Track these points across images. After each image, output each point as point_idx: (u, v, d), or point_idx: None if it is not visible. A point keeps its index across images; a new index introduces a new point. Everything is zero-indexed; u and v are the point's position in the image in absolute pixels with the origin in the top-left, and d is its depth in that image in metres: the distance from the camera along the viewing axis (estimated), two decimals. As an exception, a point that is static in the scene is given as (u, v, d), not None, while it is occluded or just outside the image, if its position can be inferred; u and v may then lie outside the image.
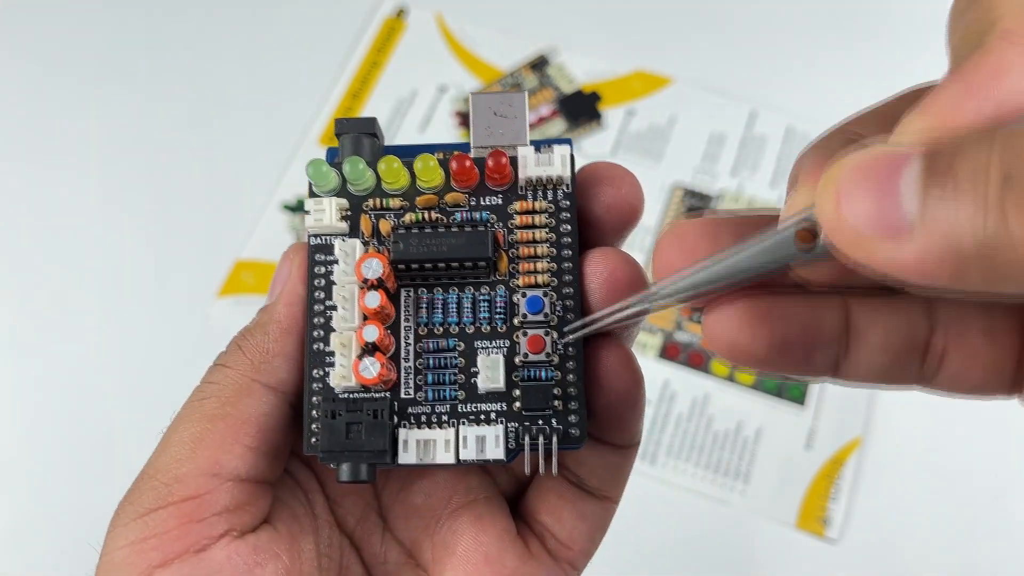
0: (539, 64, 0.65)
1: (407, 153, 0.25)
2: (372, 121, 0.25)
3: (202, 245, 0.59)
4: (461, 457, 0.23)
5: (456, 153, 0.24)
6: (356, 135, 0.25)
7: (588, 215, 0.25)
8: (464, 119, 0.63)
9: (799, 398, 0.54)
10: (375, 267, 0.23)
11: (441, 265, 0.24)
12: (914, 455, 0.52)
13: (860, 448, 0.53)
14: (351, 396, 0.24)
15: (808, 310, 0.21)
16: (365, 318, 0.24)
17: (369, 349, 0.23)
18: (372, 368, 0.23)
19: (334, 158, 0.26)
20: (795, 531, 0.51)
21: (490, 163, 0.24)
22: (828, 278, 0.20)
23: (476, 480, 0.26)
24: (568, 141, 0.25)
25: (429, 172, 0.24)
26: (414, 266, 0.24)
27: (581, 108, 0.63)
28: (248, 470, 0.23)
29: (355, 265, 0.23)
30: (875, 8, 0.67)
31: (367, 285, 0.23)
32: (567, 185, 0.25)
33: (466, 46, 0.66)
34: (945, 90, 0.17)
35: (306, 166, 0.24)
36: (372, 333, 0.23)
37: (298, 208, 0.60)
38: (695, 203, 0.60)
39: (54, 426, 0.54)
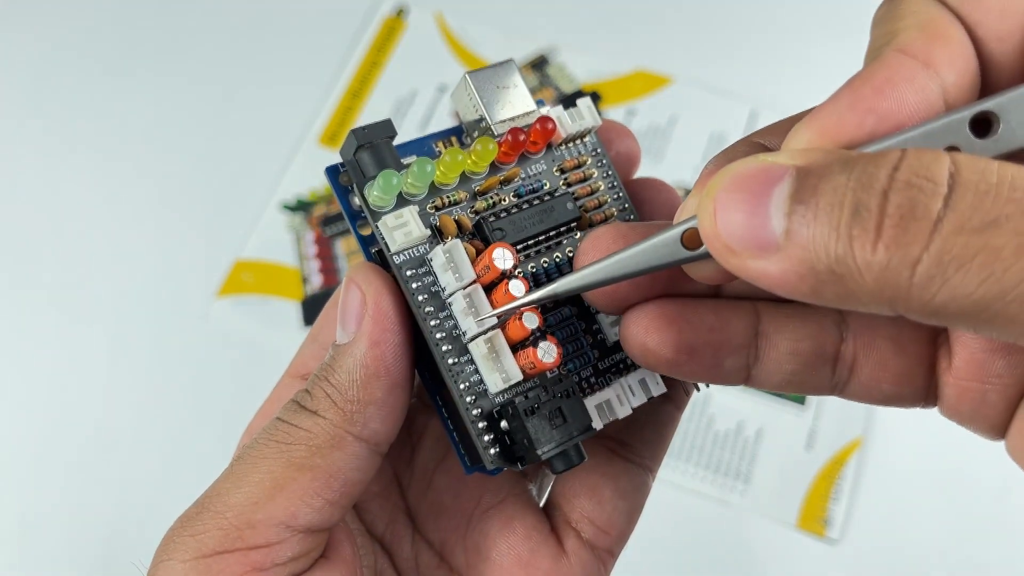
0: (539, 64, 0.65)
1: (406, 152, 0.25)
2: (389, 123, 0.24)
3: (202, 245, 0.59)
4: (633, 405, 0.24)
5: (512, 129, 0.24)
6: (373, 144, 0.23)
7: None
8: (464, 119, 0.63)
9: (799, 398, 0.54)
10: (507, 256, 0.22)
11: (541, 238, 0.24)
12: (915, 455, 0.52)
13: (861, 448, 0.53)
14: (515, 395, 0.23)
15: (717, 315, 0.21)
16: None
17: (539, 335, 0.22)
18: (551, 351, 0.22)
19: (336, 176, 0.24)
20: (796, 531, 0.51)
21: (539, 128, 0.24)
22: (716, 279, 0.20)
23: (504, 477, 0.26)
24: (567, 99, 0.26)
25: (489, 155, 0.24)
26: (518, 247, 0.24)
27: (581, 108, 0.63)
28: (322, 522, 0.22)
29: (486, 261, 0.22)
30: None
31: (506, 276, 0.22)
32: (593, 133, 0.26)
33: (466, 46, 0.66)
34: (833, 102, 0.18)
35: (372, 185, 0.22)
36: (532, 320, 0.22)
37: (298, 208, 0.60)
38: (695, 203, 0.60)
39: (54, 426, 0.54)
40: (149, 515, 0.51)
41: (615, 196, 0.26)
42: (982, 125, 0.17)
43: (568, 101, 0.66)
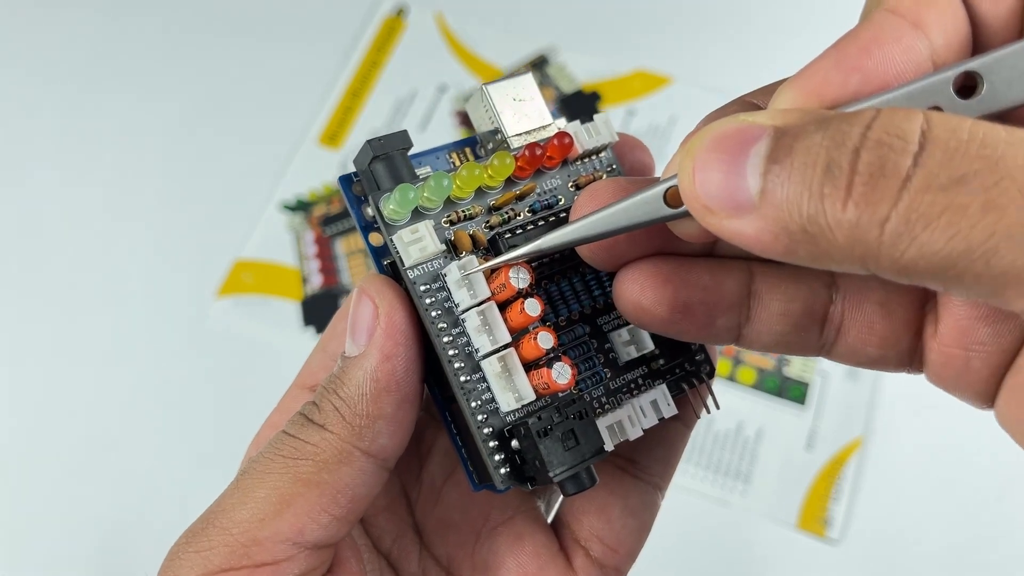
0: (539, 64, 0.65)
1: (426, 161, 0.25)
2: (405, 134, 0.24)
3: (202, 245, 0.59)
4: (645, 427, 0.24)
5: (529, 144, 0.24)
6: (388, 155, 0.23)
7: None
8: (464, 118, 0.63)
9: (800, 398, 0.54)
10: (523, 275, 0.22)
11: (557, 256, 0.24)
12: (915, 455, 0.52)
13: (861, 448, 0.53)
14: (527, 415, 0.22)
15: (712, 275, 0.21)
16: (509, 332, 0.22)
17: (553, 356, 0.22)
18: (565, 372, 0.22)
19: (349, 185, 0.24)
20: (796, 532, 0.51)
21: (556, 143, 0.24)
22: (698, 238, 0.20)
23: (512, 495, 0.26)
24: (573, 101, 0.26)
25: (506, 169, 0.23)
26: (534, 264, 0.23)
27: (581, 108, 0.63)
28: (329, 538, 0.22)
29: (501, 279, 0.22)
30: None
31: (522, 295, 0.22)
32: (609, 148, 0.26)
33: (466, 46, 0.66)
34: (818, 62, 0.18)
35: (389, 198, 0.22)
36: (547, 340, 0.22)
37: (298, 208, 0.60)
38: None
39: (53, 426, 0.54)
40: (147, 515, 0.51)
41: None
42: (967, 86, 0.17)
43: (573, 107, 0.67)
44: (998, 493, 0.51)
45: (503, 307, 0.22)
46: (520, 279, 0.22)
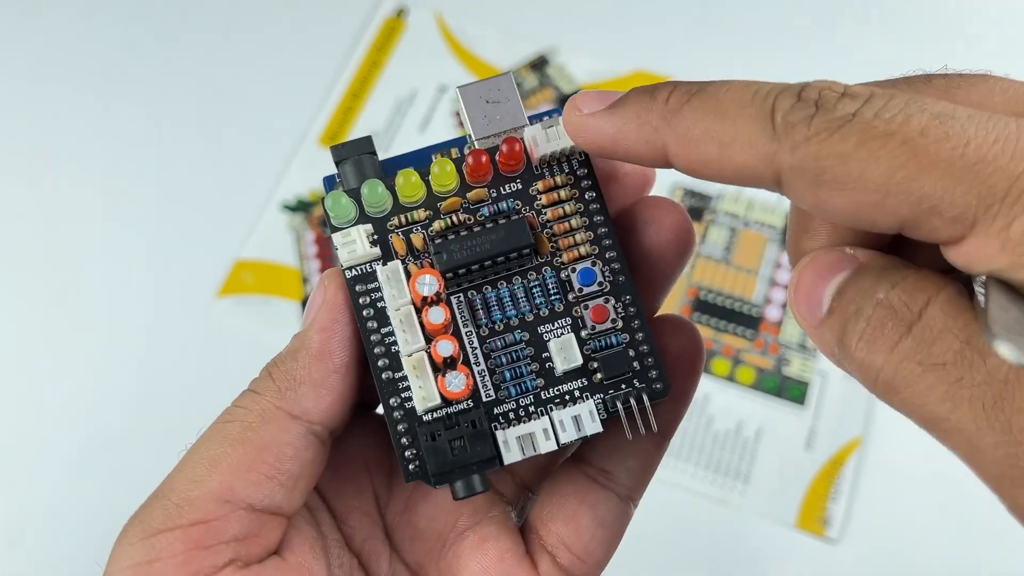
0: (539, 64, 0.65)
1: (405, 163, 0.25)
2: (368, 140, 0.25)
3: (202, 245, 0.59)
4: (561, 441, 0.23)
5: (472, 150, 0.24)
6: (357, 157, 0.25)
7: (646, 248, 0.26)
8: (464, 119, 0.63)
9: (799, 398, 0.54)
10: (430, 282, 0.23)
11: (488, 263, 0.24)
12: (914, 455, 0.52)
13: (860, 448, 0.53)
14: (436, 415, 0.23)
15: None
16: (426, 335, 0.23)
17: (449, 363, 0.23)
18: (458, 381, 0.23)
19: (332, 186, 0.25)
20: (795, 531, 0.51)
21: (504, 149, 0.24)
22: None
23: (482, 500, 0.26)
24: (559, 110, 0.25)
25: (447, 176, 0.24)
26: (461, 271, 0.24)
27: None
28: (262, 499, 0.22)
29: (408, 285, 0.23)
30: (875, 8, 0.67)
31: (427, 302, 0.23)
32: (580, 152, 0.25)
33: (466, 46, 0.66)
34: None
35: (323, 201, 0.24)
36: (447, 348, 0.23)
37: (298, 208, 0.60)
38: (695, 203, 0.60)
39: (54, 427, 0.54)
40: (149, 515, 0.51)
41: (593, 220, 0.25)
42: None
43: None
44: (997, 493, 0.51)
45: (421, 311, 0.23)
46: (427, 286, 0.23)
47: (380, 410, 0.28)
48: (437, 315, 0.23)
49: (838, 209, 0.18)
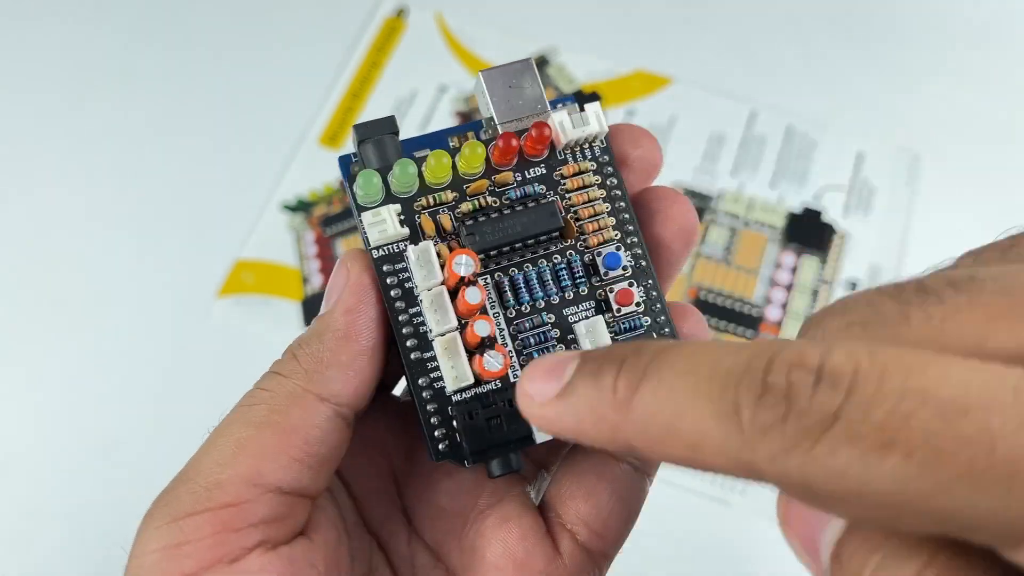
0: (539, 64, 0.65)
1: (419, 145, 0.25)
2: (392, 120, 0.25)
3: (202, 245, 0.59)
4: None
5: (503, 133, 0.24)
6: (379, 138, 0.24)
7: (653, 238, 0.26)
8: (465, 119, 0.63)
9: (799, 398, 0.54)
10: (467, 263, 0.23)
11: (518, 245, 0.24)
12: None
13: (860, 448, 0.53)
14: (467, 395, 0.24)
15: None
16: (457, 315, 0.23)
17: (488, 343, 0.23)
18: (496, 361, 0.23)
19: (348, 166, 0.25)
20: (795, 531, 0.51)
21: (534, 134, 0.24)
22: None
23: (502, 480, 0.26)
24: (577, 97, 0.26)
25: (477, 159, 0.24)
26: (492, 252, 0.24)
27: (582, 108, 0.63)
28: (290, 482, 0.22)
29: (446, 265, 0.23)
30: (875, 8, 0.67)
31: (464, 282, 0.23)
32: (603, 139, 0.25)
33: (466, 46, 0.66)
34: None
35: (354, 181, 0.23)
36: (484, 328, 0.23)
37: (298, 208, 0.60)
38: (695, 203, 0.60)
39: (53, 427, 0.54)
40: (149, 515, 0.51)
41: (616, 206, 0.25)
42: None
43: (579, 103, 0.66)
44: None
45: (455, 293, 0.23)
46: (463, 266, 0.23)
47: (398, 391, 0.28)
48: (474, 295, 0.23)
49: (843, 516, 0.15)
